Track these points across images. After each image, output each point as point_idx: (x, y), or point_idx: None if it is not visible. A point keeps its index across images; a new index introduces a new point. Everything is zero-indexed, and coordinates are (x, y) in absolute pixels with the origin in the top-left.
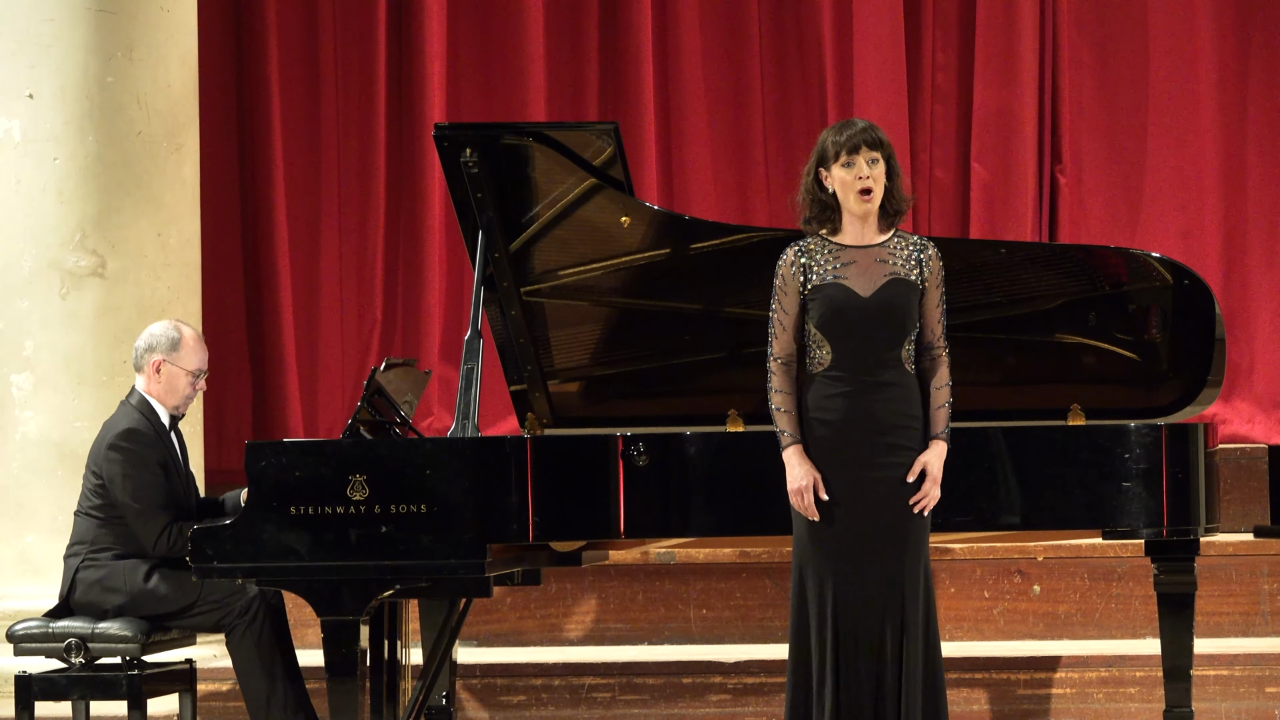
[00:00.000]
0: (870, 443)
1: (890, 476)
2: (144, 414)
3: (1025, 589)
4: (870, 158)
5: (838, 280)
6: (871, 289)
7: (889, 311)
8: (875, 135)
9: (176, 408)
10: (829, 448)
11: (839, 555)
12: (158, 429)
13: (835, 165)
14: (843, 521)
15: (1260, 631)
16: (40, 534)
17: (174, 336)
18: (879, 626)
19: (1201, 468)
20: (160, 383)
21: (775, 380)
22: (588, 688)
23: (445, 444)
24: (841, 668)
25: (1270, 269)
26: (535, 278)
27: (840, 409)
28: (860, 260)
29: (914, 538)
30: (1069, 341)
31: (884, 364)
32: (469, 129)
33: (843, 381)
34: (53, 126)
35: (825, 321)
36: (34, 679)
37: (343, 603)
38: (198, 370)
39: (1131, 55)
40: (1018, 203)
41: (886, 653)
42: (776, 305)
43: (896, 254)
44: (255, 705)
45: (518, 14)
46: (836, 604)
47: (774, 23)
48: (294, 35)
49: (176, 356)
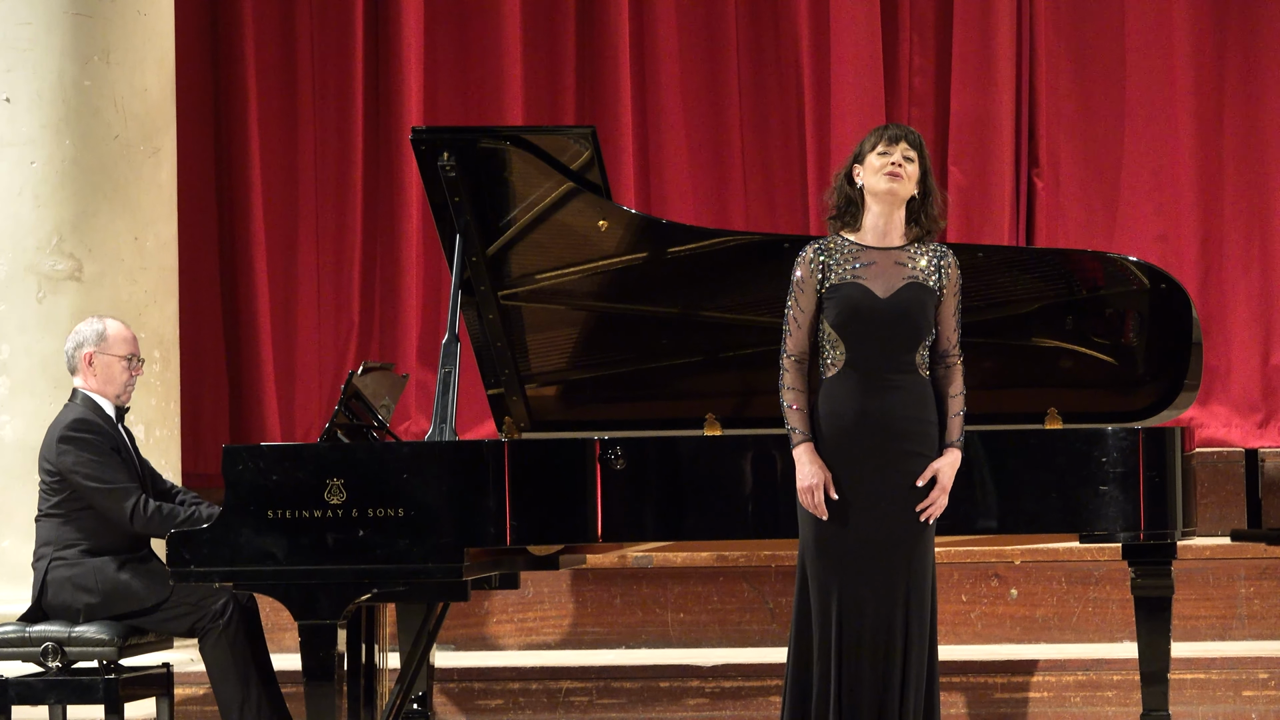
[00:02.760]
0: (882, 446)
1: (901, 481)
2: (89, 409)
3: (1002, 592)
4: (906, 154)
5: (856, 280)
6: (889, 291)
7: (905, 314)
8: (916, 137)
9: (119, 397)
10: (840, 449)
11: (846, 558)
12: (105, 420)
13: (871, 154)
14: (851, 524)
15: (1237, 635)
16: (15, 538)
17: (99, 329)
18: (885, 631)
19: (1178, 472)
20: (97, 375)
21: (788, 378)
22: (565, 691)
23: (423, 448)
24: (844, 670)
25: (1247, 273)
26: (512, 281)
27: (853, 411)
28: (880, 262)
29: (922, 543)
30: (1046, 345)
31: (898, 367)
32: (446, 133)
33: (856, 383)
34: (30, 130)
35: (841, 321)
36: (10, 683)
37: (320, 607)
38: (129, 355)
39: (1108, 59)
40: (994, 207)
41: (894, 657)
42: (793, 302)
43: (916, 259)
44: (229, 710)
45: (495, 17)
46: (841, 606)
47: (751, 25)
48: (271, 39)
49: (105, 345)
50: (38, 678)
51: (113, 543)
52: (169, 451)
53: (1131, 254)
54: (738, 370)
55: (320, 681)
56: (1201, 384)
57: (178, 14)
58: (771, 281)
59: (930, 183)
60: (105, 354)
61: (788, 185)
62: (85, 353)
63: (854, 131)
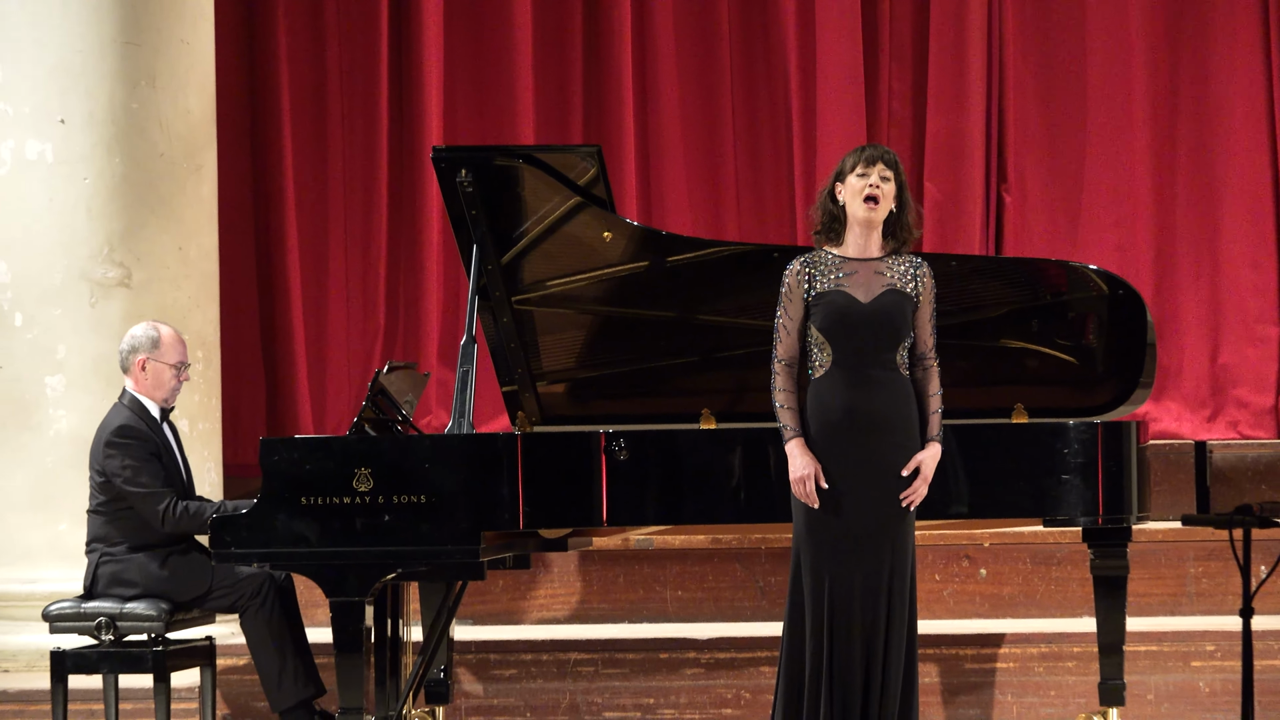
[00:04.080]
0: (868, 440)
1: (886, 471)
2: (135, 411)
3: (973, 572)
4: (883, 174)
5: (840, 288)
6: (870, 296)
7: (886, 317)
8: (892, 157)
9: (165, 400)
10: (829, 443)
11: (836, 543)
12: (149, 423)
13: (850, 175)
14: (840, 513)
15: (1186, 611)
16: (70, 522)
17: (154, 336)
18: (872, 608)
19: (1134, 462)
20: (147, 379)
21: (779, 380)
22: (573, 662)
23: (443, 440)
24: (836, 644)
25: (1197, 279)
26: (525, 288)
27: (840, 407)
28: (861, 271)
29: (904, 528)
30: (1013, 346)
31: (881, 365)
32: (464, 151)
33: (843, 381)
34: (82, 149)
35: (828, 324)
36: (67, 654)
37: (349, 585)
38: (179, 364)
39: (1071, 85)
40: (967, 220)
41: (878, 631)
42: (782, 311)
43: (894, 269)
44: (269, 679)
45: (508, 44)
46: (833, 587)
47: (744, 51)
48: (303, 65)
49: (158, 353)
50: (92, 650)
51: (155, 538)
52: (211, 443)
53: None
54: (731, 369)
55: (350, 653)
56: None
57: (218, 42)
58: (762, 287)
59: (906, 196)
60: (157, 361)
61: (777, 200)
62: (139, 358)
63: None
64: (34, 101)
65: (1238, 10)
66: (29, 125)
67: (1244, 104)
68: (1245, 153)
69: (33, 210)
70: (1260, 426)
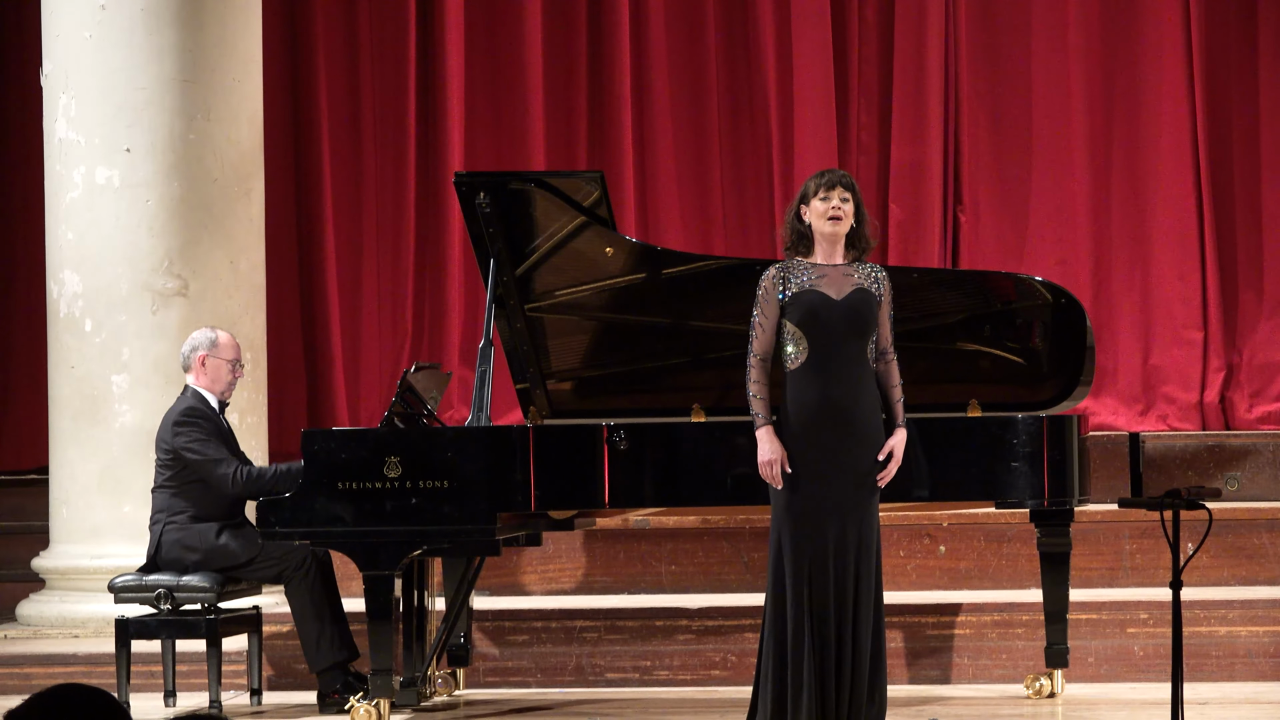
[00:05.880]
0: (840, 426)
1: (856, 454)
2: (198, 401)
3: (933, 549)
4: (843, 196)
5: (813, 288)
6: (841, 294)
7: (857, 312)
8: (849, 180)
9: (223, 394)
10: (806, 430)
11: (814, 520)
12: (211, 410)
13: (814, 199)
14: (815, 491)
15: (1122, 584)
16: (134, 504)
17: (212, 337)
18: (843, 576)
19: (1076, 451)
20: (207, 374)
21: (754, 373)
22: (579, 629)
23: (463, 432)
24: (814, 619)
25: (1130, 289)
26: (536, 297)
27: (815, 397)
28: (830, 274)
29: (872, 506)
30: (968, 349)
31: (852, 357)
32: (482, 177)
33: (818, 372)
34: (145, 175)
35: (804, 319)
36: (130, 622)
37: (380, 560)
38: (234, 360)
39: (1018, 118)
40: (926, 237)
41: (848, 595)
42: (759, 311)
43: (859, 273)
44: (309, 643)
45: (521, 82)
46: (812, 561)
47: (729, 88)
48: (340, 99)
49: (217, 350)
50: (152, 618)
51: (214, 511)
52: (259, 434)
53: (1037, 274)
54: (718, 369)
55: (381, 621)
56: (1094, 380)
57: (266, 80)
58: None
59: (863, 212)
60: (216, 357)
61: (759, 219)
62: (200, 355)
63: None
64: (103, 133)
65: (1165, 51)
66: (99, 154)
67: (1170, 134)
68: (1172, 177)
69: (101, 229)
70: (1187, 420)
